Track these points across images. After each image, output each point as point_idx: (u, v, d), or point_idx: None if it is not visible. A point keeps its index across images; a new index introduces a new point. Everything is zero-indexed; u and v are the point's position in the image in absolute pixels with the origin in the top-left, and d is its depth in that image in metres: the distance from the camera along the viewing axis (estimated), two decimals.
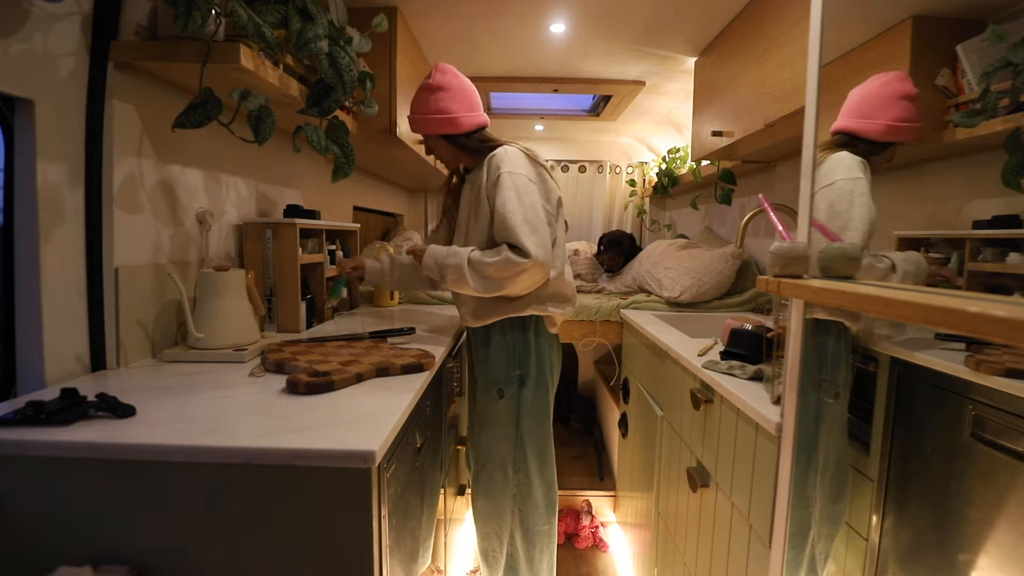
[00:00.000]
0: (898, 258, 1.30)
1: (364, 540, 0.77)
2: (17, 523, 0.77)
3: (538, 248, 1.35)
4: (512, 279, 1.37)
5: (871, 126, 1.33)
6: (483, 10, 1.91)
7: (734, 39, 1.93)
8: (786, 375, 0.93)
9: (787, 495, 0.92)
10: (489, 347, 1.54)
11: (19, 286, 0.97)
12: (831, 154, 1.34)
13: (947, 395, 1.11)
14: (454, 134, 1.51)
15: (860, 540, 1.35)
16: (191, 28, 0.95)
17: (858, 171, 1.28)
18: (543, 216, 1.41)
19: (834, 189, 1.27)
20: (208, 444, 0.75)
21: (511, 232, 1.36)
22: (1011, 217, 1.31)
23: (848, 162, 1.30)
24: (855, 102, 1.38)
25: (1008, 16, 1.36)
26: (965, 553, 1.06)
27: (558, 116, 3.34)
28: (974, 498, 1.04)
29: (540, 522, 1.59)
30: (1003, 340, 0.46)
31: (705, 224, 3.17)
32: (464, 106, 1.50)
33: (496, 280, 1.37)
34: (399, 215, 3.60)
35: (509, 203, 1.37)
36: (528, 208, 1.38)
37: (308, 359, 1.16)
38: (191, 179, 1.35)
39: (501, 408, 1.54)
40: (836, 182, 1.27)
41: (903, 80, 1.33)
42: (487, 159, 1.46)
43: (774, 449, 0.97)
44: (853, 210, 1.24)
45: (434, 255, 1.44)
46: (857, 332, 1.33)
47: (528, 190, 1.41)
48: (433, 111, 1.49)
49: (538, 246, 1.36)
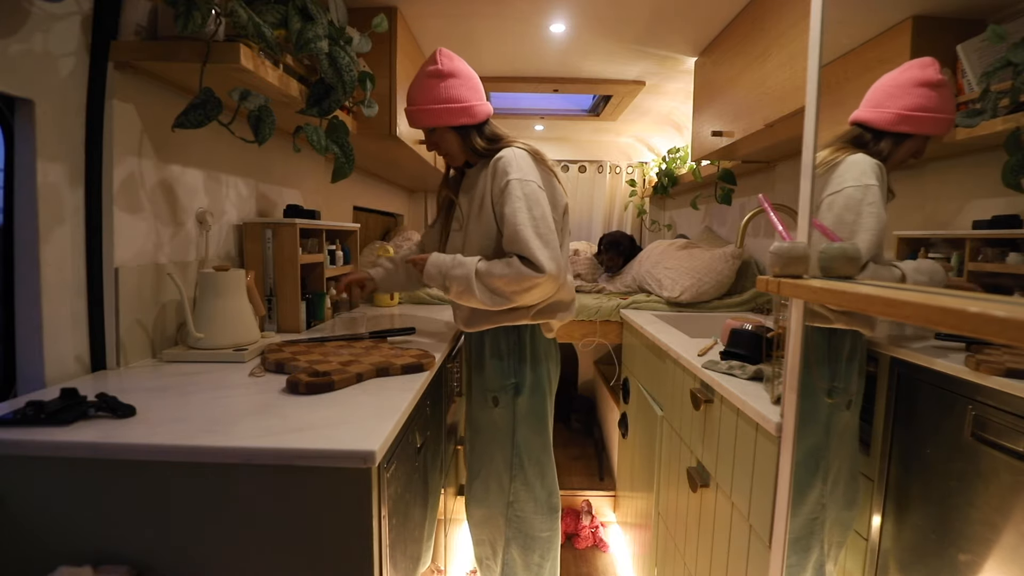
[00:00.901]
0: (909, 268, 1.22)
1: (364, 540, 0.77)
2: (17, 523, 0.77)
3: (551, 262, 1.29)
4: (522, 293, 1.31)
5: (880, 115, 1.26)
6: (483, 10, 1.91)
7: (734, 39, 1.93)
8: (786, 375, 0.93)
9: (787, 495, 0.92)
10: (483, 354, 1.48)
11: (19, 286, 0.97)
12: (847, 155, 1.25)
13: (947, 395, 1.11)
14: (469, 125, 1.41)
15: (860, 540, 1.35)
16: (191, 28, 0.95)
17: (871, 177, 1.20)
18: (553, 226, 1.35)
19: (842, 196, 1.20)
20: (208, 444, 0.75)
21: (523, 245, 1.29)
22: (1011, 217, 1.32)
23: (862, 166, 1.22)
24: (872, 89, 1.30)
25: (1008, 16, 1.36)
26: (965, 553, 1.06)
27: (558, 116, 3.34)
28: (974, 498, 1.04)
29: (540, 528, 1.53)
30: (1003, 340, 0.46)
31: (705, 224, 3.17)
32: (477, 94, 1.42)
33: (505, 294, 1.31)
34: (399, 215, 3.60)
35: (520, 214, 1.31)
36: (539, 219, 1.32)
37: (308, 359, 1.16)
38: (191, 179, 1.35)
39: (496, 416, 1.48)
40: (845, 189, 1.20)
41: (925, 66, 1.23)
42: (493, 161, 1.39)
43: (774, 449, 0.97)
44: (861, 220, 1.17)
45: (438, 264, 1.36)
46: (871, 339, 1.29)
47: (538, 199, 1.34)
48: (444, 100, 1.37)
49: (551, 260, 1.29)
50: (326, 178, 2.18)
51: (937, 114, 1.22)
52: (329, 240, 1.84)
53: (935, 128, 1.24)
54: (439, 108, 1.38)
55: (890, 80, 1.27)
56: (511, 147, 1.41)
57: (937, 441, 1.14)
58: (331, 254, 1.86)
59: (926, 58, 1.25)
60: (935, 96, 1.22)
